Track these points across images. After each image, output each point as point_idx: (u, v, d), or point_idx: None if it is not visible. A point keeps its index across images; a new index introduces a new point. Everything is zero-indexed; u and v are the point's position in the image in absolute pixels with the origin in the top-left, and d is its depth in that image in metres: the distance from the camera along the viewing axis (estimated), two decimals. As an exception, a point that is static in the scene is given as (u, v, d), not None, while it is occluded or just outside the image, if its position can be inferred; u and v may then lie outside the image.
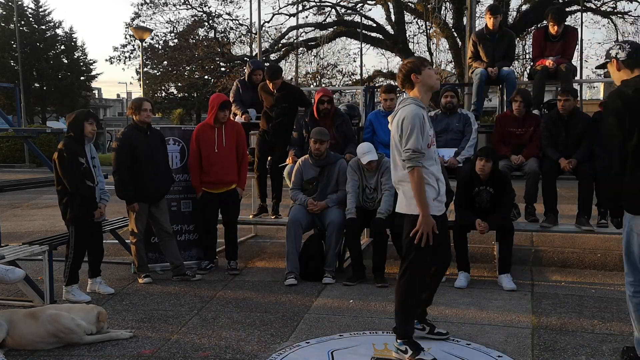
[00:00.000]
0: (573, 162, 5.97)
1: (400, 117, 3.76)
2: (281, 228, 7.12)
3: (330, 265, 5.95)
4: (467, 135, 6.46)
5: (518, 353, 4.03)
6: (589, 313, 4.87)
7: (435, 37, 21.05)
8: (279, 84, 6.73)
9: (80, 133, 5.35)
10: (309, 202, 6.11)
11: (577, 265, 6.63)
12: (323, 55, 23.86)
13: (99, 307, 4.52)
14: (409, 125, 3.69)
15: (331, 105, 6.60)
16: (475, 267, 6.10)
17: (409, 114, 3.70)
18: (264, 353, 4.07)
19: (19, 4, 34.77)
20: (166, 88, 36.68)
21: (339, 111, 6.86)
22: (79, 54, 40.20)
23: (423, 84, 3.82)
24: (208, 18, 25.70)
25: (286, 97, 6.77)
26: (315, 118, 6.57)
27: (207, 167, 6.30)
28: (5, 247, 5.30)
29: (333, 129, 6.54)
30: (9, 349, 4.14)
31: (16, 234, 8.49)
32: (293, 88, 7.36)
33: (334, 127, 6.56)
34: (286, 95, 6.78)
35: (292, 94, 6.92)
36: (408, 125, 3.69)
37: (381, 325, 4.61)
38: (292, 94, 6.90)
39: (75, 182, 5.26)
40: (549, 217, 6.12)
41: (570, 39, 7.17)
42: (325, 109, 6.52)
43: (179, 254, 6.15)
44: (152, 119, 6.02)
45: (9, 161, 25.45)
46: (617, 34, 20.94)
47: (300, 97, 7.04)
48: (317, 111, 6.55)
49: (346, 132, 6.67)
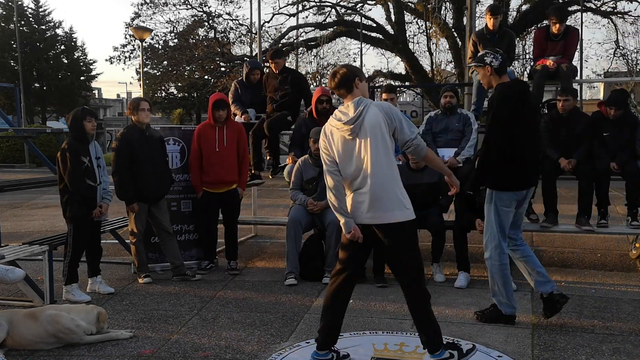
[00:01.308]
0: (573, 162, 5.97)
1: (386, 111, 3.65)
2: (281, 228, 7.12)
3: (330, 265, 5.94)
4: (467, 135, 6.45)
5: (518, 353, 4.03)
6: (589, 313, 4.87)
7: (435, 37, 21.05)
8: (281, 65, 7.21)
9: (82, 132, 5.36)
10: (308, 202, 6.11)
11: (577, 265, 6.63)
12: (323, 55, 23.88)
13: (99, 307, 4.52)
14: (399, 114, 3.69)
15: (330, 105, 6.61)
16: (475, 267, 6.10)
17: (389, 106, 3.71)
18: (264, 353, 4.07)
19: (19, 4, 34.77)
20: (166, 88, 36.65)
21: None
22: (79, 54, 40.22)
23: (361, 92, 3.73)
24: (208, 18, 25.68)
25: (288, 79, 7.16)
26: (314, 118, 6.57)
27: (207, 167, 6.30)
28: (5, 247, 5.30)
29: None
30: (9, 349, 4.14)
31: (16, 234, 8.49)
32: (295, 71, 7.82)
33: None
34: (288, 77, 7.17)
35: (294, 76, 7.35)
36: (399, 115, 3.68)
37: (381, 325, 4.61)
38: (294, 76, 7.35)
39: (75, 181, 5.27)
40: (549, 217, 6.12)
41: (571, 38, 7.16)
42: (324, 108, 6.52)
43: (179, 254, 6.15)
44: (152, 119, 6.04)
45: (9, 161, 25.44)
46: (617, 34, 20.96)
47: (300, 81, 7.41)
48: (316, 111, 6.55)
49: None
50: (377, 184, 3.60)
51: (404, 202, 3.64)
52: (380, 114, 3.62)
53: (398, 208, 3.61)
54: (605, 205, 6.13)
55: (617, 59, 21.65)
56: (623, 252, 7.20)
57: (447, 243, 6.02)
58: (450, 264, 6.15)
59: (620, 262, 6.73)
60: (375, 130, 3.60)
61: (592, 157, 6.04)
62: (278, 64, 7.17)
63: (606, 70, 23.34)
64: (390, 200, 3.60)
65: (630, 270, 6.40)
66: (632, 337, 4.30)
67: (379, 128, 3.60)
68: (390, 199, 3.60)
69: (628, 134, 6.04)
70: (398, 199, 3.62)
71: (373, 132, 3.60)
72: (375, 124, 3.60)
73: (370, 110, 3.63)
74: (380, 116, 3.62)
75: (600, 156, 6.02)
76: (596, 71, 24.21)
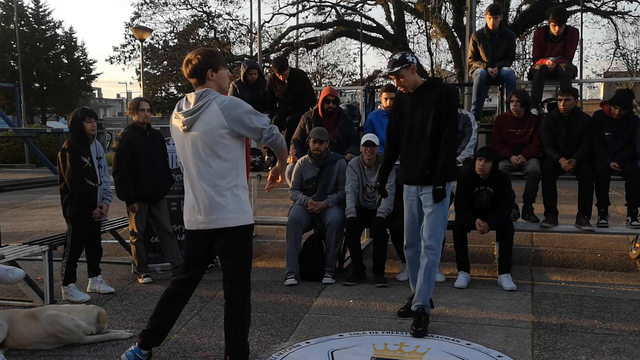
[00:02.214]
0: (573, 162, 5.97)
1: (228, 112, 3.32)
2: (281, 228, 7.12)
3: (330, 265, 5.95)
4: (467, 135, 6.45)
5: (518, 353, 4.03)
6: (589, 313, 4.87)
7: (435, 37, 21.07)
8: (287, 75, 7.38)
9: (82, 133, 5.37)
10: (308, 202, 6.10)
11: (577, 265, 6.63)
12: (323, 55, 23.93)
13: (99, 307, 4.52)
14: (241, 113, 3.35)
15: (336, 105, 6.66)
16: (475, 267, 6.10)
17: (232, 105, 3.35)
18: (264, 353, 4.07)
19: (19, 4, 34.77)
20: (166, 88, 36.63)
21: (343, 112, 6.92)
22: (79, 54, 40.21)
23: (216, 84, 3.45)
24: (208, 18, 25.71)
25: (296, 81, 7.46)
26: (320, 116, 6.60)
27: None
28: (5, 247, 5.30)
29: (336, 129, 6.59)
30: (9, 348, 4.14)
31: (16, 234, 8.49)
32: (299, 72, 8.03)
33: (337, 126, 6.61)
34: (295, 79, 7.47)
35: (300, 77, 7.62)
36: (240, 115, 3.34)
37: (381, 325, 4.61)
38: (300, 77, 7.62)
39: (74, 181, 5.28)
40: (549, 217, 6.12)
41: (571, 39, 7.16)
42: (330, 107, 6.56)
43: (179, 254, 6.13)
44: (152, 119, 6.03)
45: (9, 161, 25.45)
46: (617, 34, 20.98)
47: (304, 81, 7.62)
48: (322, 110, 6.58)
49: (349, 133, 6.72)
50: (199, 186, 3.41)
51: (232, 207, 3.40)
52: (219, 114, 3.31)
53: (225, 213, 3.39)
54: (605, 205, 6.13)
55: (617, 59, 21.69)
56: (623, 252, 7.20)
57: (447, 243, 6.02)
58: (450, 264, 6.15)
59: (620, 262, 6.73)
60: (209, 130, 3.32)
61: (592, 157, 6.05)
62: (285, 75, 7.39)
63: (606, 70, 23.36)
64: (218, 205, 3.37)
65: (630, 270, 6.40)
66: (632, 337, 4.30)
67: (214, 129, 3.32)
68: (217, 204, 3.37)
69: (629, 134, 6.04)
70: (224, 204, 3.38)
71: (206, 132, 3.33)
72: (210, 122, 3.32)
73: (210, 107, 3.33)
74: (219, 116, 3.31)
75: (600, 156, 6.02)
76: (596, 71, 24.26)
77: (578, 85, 8.31)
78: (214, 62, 3.43)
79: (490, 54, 7.33)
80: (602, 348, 4.10)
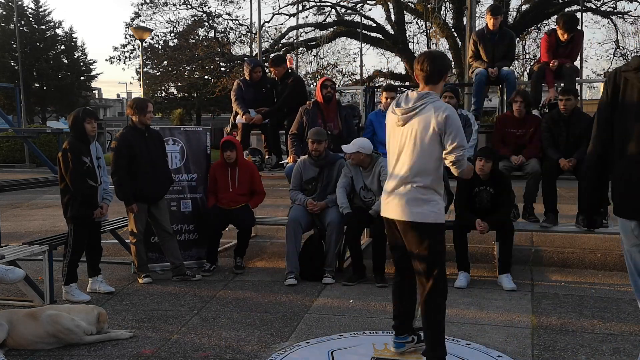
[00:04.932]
0: (573, 161, 5.97)
1: (441, 114, 3.47)
2: (281, 228, 7.12)
3: (330, 265, 5.95)
4: (467, 135, 6.45)
5: (518, 353, 4.03)
6: (589, 313, 4.87)
7: (435, 37, 21.07)
8: (282, 72, 7.43)
9: (82, 133, 5.36)
10: (308, 202, 6.11)
11: (577, 265, 6.63)
12: (323, 55, 23.91)
13: (99, 307, 4.52)
14: (456, 122, 3.50)
15: (334, 90, 6.78)
16: (475, 267, 6.10)
17: (453, 112, 3.51)
18: (264, 353, 4.07)
19: (19, 4, 34.77)
20: (166, 88, 36.66)
21: (342, 104, 6.98)
22: (79, 54, 40.22)
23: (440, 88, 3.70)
24: (208, 18, 25.71)
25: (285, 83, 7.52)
26: (320, 103, 6.69)
27: (221, 199, 6.46)
28: (5, 247, 5.30)
29: (338, 119, 6.71)
30: (9, 348, 4.14)
31: (16, 234, 8.49)
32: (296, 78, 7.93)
33: (339, 116, 6.73)
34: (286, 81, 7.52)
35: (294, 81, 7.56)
36: (455, 123, 3.49)
37: (381, 325, 4.61)
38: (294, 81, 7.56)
39: (76, 181, 5.28)
40: (549, 217, 6.12)
41: (577, 41, 7.17)
42: (329, 92, 6.68)
43: (179, 254, 6.15)
44: (152, 119, 6.03)
45: (9, 161, 25.45)
46: (617, 34, 20.97)
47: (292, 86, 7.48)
48: (322, 96, 6.69)
49: (350, 126, 6.83)
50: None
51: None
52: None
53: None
54: (606, 205, 6.10)
55: (617, 59, 21.66)
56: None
57: (447, 243, 6.01)
58: (451, 264, 6.13)
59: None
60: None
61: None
62: (279, 72, 7.44)
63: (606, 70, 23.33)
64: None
65: (630, 270, 6.39)
66: (632, 337, 4.30)
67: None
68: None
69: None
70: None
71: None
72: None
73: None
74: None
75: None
76: (596, 71, 24.18)
77: (578, 85, 8.31)
78: (449, 66, 3.74)
79: (490, 54, 7.33)
80: (602, 348, 4.10)
